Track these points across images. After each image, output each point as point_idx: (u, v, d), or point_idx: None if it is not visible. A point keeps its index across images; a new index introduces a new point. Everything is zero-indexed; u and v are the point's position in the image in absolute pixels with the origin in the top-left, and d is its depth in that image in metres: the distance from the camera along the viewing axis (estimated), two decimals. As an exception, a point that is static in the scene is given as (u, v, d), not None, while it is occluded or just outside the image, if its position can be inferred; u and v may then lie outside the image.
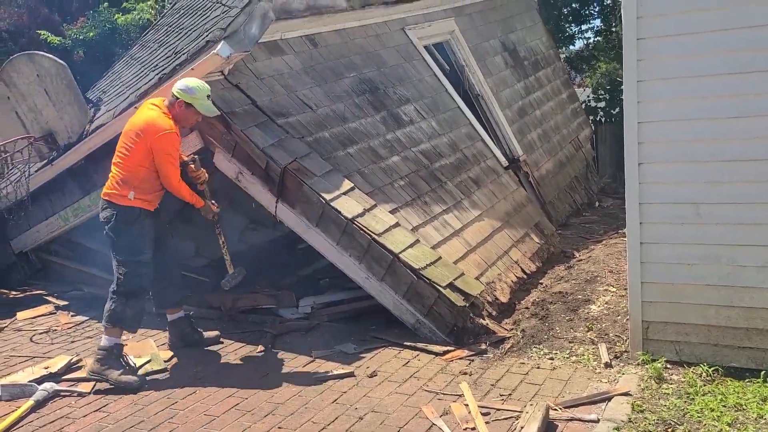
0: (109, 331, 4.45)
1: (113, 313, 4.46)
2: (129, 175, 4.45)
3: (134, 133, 4.45)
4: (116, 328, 4.47)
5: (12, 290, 6.55)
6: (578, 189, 8.85)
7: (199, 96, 4.48)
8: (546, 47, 10.02)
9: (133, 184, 4.45)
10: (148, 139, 4.39)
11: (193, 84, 4.51)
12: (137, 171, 4.45)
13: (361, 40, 6.63)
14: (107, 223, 4.50)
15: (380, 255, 4.80)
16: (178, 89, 4.49)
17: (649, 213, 4.17)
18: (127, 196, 4.44)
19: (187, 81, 4.55)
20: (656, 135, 4.12)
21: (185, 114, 4.52)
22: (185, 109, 4.50)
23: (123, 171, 4.46)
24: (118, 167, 4.49)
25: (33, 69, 5.77)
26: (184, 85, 4.49)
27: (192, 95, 4.46)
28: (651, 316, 4.25)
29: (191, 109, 4.50)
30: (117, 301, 4.47)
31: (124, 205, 4.45)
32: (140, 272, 4.50)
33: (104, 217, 4.52)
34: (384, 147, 5.86)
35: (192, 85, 4.49)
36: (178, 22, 7.33)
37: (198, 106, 4.49)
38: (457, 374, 4.27)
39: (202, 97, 4.49)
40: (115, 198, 4.47)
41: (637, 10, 4.02)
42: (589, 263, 6.21)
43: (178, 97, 4.47)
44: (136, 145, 4.43)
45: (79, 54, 11.23)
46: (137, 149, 4.43)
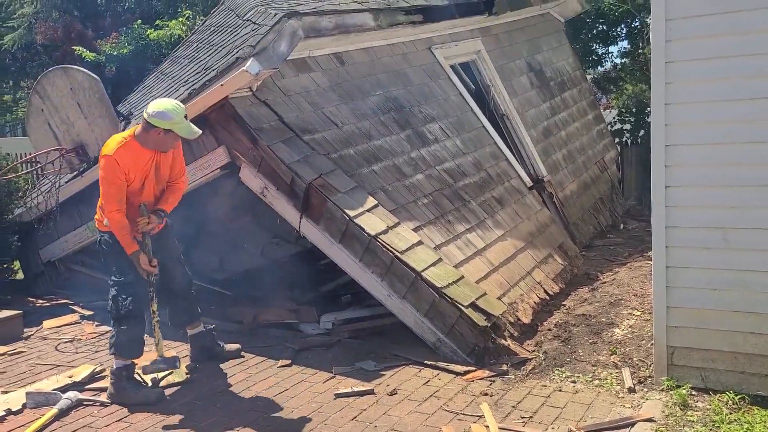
0: (116, 356, 4.43)
1: (110, 339, 4.45)
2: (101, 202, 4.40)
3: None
4: (122, 356, 4.41)
5: (39, 299, 6.66)
6: (603, 211, 8.78)
7: (177, 120, 4.17)
8: (572, 68, 10.00)
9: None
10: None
11: (167, 106, 4.18)
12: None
13: (388, 58, 6.69)
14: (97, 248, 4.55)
15: (402, 273, 4.80)
16: (152, 117, 4.15)
17: (675, 237, 4.13)
18: (103, 222, 4.38)
19: (159, 104, 4.19)
20: (683, 158, 4.08)
21: (164, 140, 4.25)
22: (164, 136, 4.21)
23: (100, 198, 4.40)
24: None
25: (67, 82, 5.90)
26: (156, 110, 4.15)
27: (170, 121, 4.15)
28: (676, 341, 4.19)
29: (170, 134, 4.21)
30: (112, 327, 4.45)
31: (104, 231, 4.44)
32: (127, 293, 4.36)
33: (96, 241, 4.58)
34: (408, 165, 5.88)
35: (165, 109, 4.16)
36: (209, 39, 7.45)
37: (178, 130, 4.21)
38: (478, 395, 4.24)
39: (180, 120, 4.19)
40: (98, 224, 4.49)
41: (666, 33, 4.00)
42: (614, 286, 6.14)
43: (155, 126, 4.17)
44: None
45: (111, 69, 11.45)
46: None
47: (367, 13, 6.10)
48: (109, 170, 4.19)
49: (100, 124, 5.87)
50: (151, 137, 4.24)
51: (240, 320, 5.78)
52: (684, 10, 3.98)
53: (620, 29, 12.47)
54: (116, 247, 4.37)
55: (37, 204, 6.45)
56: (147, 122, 4.20)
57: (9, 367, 5.08)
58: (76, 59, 11.23)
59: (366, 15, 6.08)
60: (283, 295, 6.42)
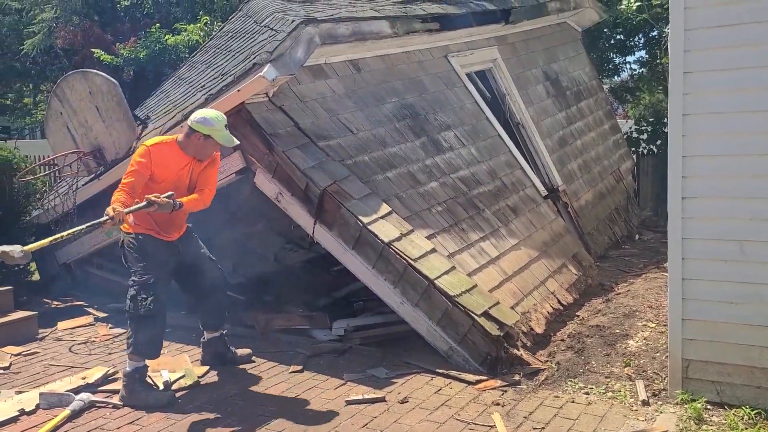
0: (131, 356, 4.44)
1: (127, 339, 4.47)
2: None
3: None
4: (138, 356, 4.43)
5: (54, 300, 6.71)
6: (618, 221, 8.72)
7: (218, 127, 4.36)
8: (589, 77, 9.97)
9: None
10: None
11: (210, 115, 4.40)
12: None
13: (404, 66, 6.70)
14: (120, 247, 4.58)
15: (415, 280, 4.80)
16: (194, 122, 4.36)
17: (691, 249, 4.09)
18: (129, 222, 4.37)
19: (203, 112, 4.44)
20: (701, 169, 4.05)
21: (204, 146, 4.40)
22: (204, 141, 4.37)
23: None
24: None
25: (86, 86, 5.96)
26: (201, 118, 4.37)
27: (211, 127, 4.34)
28: (691, 354, 4.14)
29: (210, 141, 4.38)
30: (129, 326, 4.46)
31: (127, 231, 4.47)
32: (148, 293, 4.37)
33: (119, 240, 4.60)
34: (423, 172, 5.87)
35: (209, 116, 4.38)
36: (226, 45, 7.51)
37: (217, 137, 4.37)
38: (490, 404, 4.22)
39: (221, 128, 4.37)
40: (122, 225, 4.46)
41: (685, 43, 3.98)
42: (628, 297, 6.09)
43: (196, 130, 4.35)
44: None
45: (129, 73, 11.56)
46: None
47: (384, 21, 6.11)
48: (139, 157, 4.34)
49: (118, 127, 5.92)
50: (192, 142, 4.40)
51: (252, 325, 5.79)
52: (703, 21, 3.96)
53: (638, 39, 12.41)
54: (139, 247, 4.43)
55: (54, 206, 6.52)
56: (189, 127, 4.39)
57: (23, 367, 5.12)
58: (95, 62, 11.35)
59: (383, 22, 6.09)
60: (296, 301, 6.43)
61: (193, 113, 4.47)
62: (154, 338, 4.44)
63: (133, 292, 4.42)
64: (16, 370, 5.07)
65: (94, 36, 12.50)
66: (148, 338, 4.41)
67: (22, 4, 13.69)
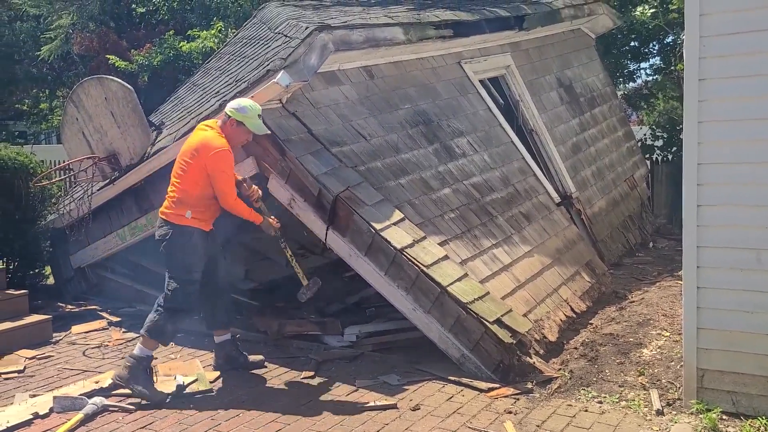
0: (145, 342, 4.56)
1: (155, 325, 4.55)
2: (185, 194, 4.57)
3: (190, 153, 4.58)
4: (153, 341, 4.58)
5: (68, 304, 6.75)
6: (632, 229, 8.66)
7: (251, 115, 4.59)
8: (603, 84, 9.93)
9: (189, 203, 4.56)
10: (202, 157, 4.51)
11: (246, 104, 4.64)
12: (193, 190, 4.56)
13: (417, 72, 6.70)
14: (162, 240, 4.62)
15: (428, 287, 4.78)
16: (230, 108, 4.62)
17: (706, 257, 4.06)
18: (184, 215, 4.55)
19: (240, 101, 4.69)
20: (716, 177, 4.02)
21: (236, 132, 4.63)
22: (236, 128, 4.61)
23: (179, 191, 4.58)
24: (175, 187, 4.61)
25: (101, 92, 6.01)
26: (237, 104, 4.63)
27: (244, 114, 4.58)
28: (706, 363, 4.10)
29: (242, 128, 4.61)
30: (162, 315, 4.56)
31: (180, 224, 4.56)
32: (188, 290, 4.60)
33: (160, 235, 4.64)
34: (435, 179, 5.87)
35: (244, 104, 4.63)
36: (240, 51, 7.54)
37: (249, 124, 4.60)
38: (502, 413, 4.19)
39: (254, 116, 4.61)
40: (172, 217, 4.59)
41: (700, 50, 3.96)
42: (642, 305, 6.04)
43: (230, 116, 4.60)
44: (191, 165, 4.55)
45: (143, 79, 11.65)
46: (193, 169, 4.55)
47: (398, 27, 6.12)
48: (229, 163, 4.58)
49: (133, 133, 5.96)
50: (227, 129, 4.62)
51: (264, 331, 5.80)
52: (719, 28, 3.94)
53: (652, 46, 12.36)
54: (190, 241, 4.56)
55: (69, 211, 6.56)
56: (225, 113, 4.64)
57: (38, 370, 5.15)
58: (110, 68, 11.44)
59: (396, 29, 6.10)
60: (308, 307, 6.43)
61: (232, 101, 4.72)
62: (176, 329, 4.70)
63: (175, 284, 4.55)
64: (31, 373, 5.11)
65: (110, 42, 12.61)
66: (173, 328, 4.64)
67: (40, 11, 13.83)
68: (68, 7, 13.02)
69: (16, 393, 4.70)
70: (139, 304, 6.57)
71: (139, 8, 13.07)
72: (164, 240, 4.61)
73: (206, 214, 4.64)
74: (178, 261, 4.60)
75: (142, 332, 4.60)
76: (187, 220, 4.56)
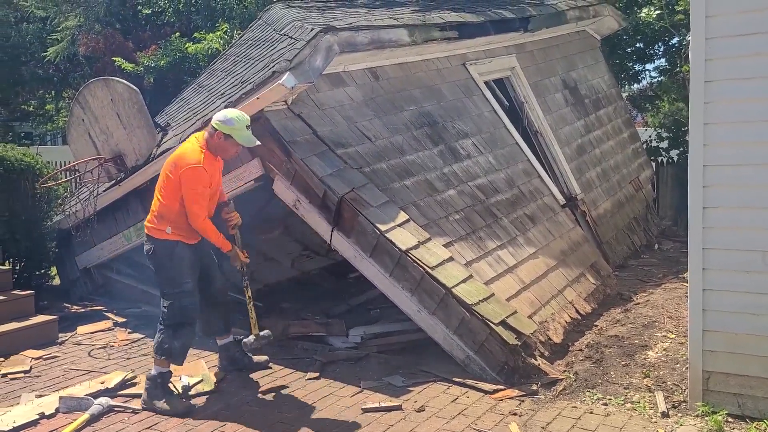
0: (157, 362, 4.48)
1: (160, 345, 4.46)
2: (165, 209, 4.44)
3: (170, 166, 4.45)
4: (164, 360, 4.47)
5: (74, 305, 6.78)
6: (637, 230, 8.65)
7: (238, 127, 4.39)
8: (608, 86, 9.92)
9: (169, 218, 4.43)
10: (177, 172, 4.38)
11: (232, 115, 4.44)
12: (172, 205, 4.42)
13: (422, 74, 6.71)
14: (147, 256, 4.55)
15: (433, 288, 4.79)
16: (216, 121, 4.41)
17: (712, 259, 4.05)
18: (165, 230, 4.43)
19: (226, 112, 4.48)
20: (722, 179, 4.01)
21: (224, 145, 4.43)
22: (224, 141, 4.41)
23: (161, 205, 4.46)
24: (157, 201, 4.50)
25: (107, 93, 6.03)
26: (223, 116, 4.42)
27: (231, 126, 4.38)
28: (712, 366, 4.09)
29: (230, 140, 4.41)
30: (164, 333, 4.47)
31: (162, 239, 4.45)
32: (183, 303, 4.45)
33: (146, 251, 4.56)
34: (440, 180, 5.87)
35: (231, 116, 4.42)
36: (246, 53, 7.56)
37: (237, 137, 4.40)
38: (507, 414, 4.19)
39: (241, 128, 4.40)
40: (154, 232, 4.48)
41: (706, 52, 3.95)
42: (647, 307, 6.03)
43: (217, 129, 4.40)
44: (170, 179, 4.42)
45: (149, 80, 11.69)
46: (171, 183, 4.41)
47: (403, 29, 6.13)
48: (201, 181, 4.38)
49: (138, 134, 5.98)
50: (213, 141, 4.45)
51: (269, 332, 5.80)
52: (725, 29, 3.93)
53: (658, 47, 12.33)
54: (175, 254, 4.45)
55: (75, 212, 6.59)
56: (212, 126, 4.45)
57: (44, 371, 5.17)
58: (116, 70, 11.48)
59: (401, 31, 6.11)
60: (313, 308, 6.45)
61: (217, 113, 4.54)
62: (187, 345, 4.53)
63: (170, 300, 4.45)
64: (37, 373, 5.13)
65: (116, 44, 12.65)
66: (182, 344, 4.49)
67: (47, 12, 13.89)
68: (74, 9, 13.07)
69: (23, 393, 4.72)
70: (144, 305, 6.60)
71: (145, 10, 13.11)
72: (149, 255, 4.53)
73: (188, 230, 4.48)
74: (165, 275, 4.49)
75: (154, 354, 4.51)
76: (167, 235, 4.44)
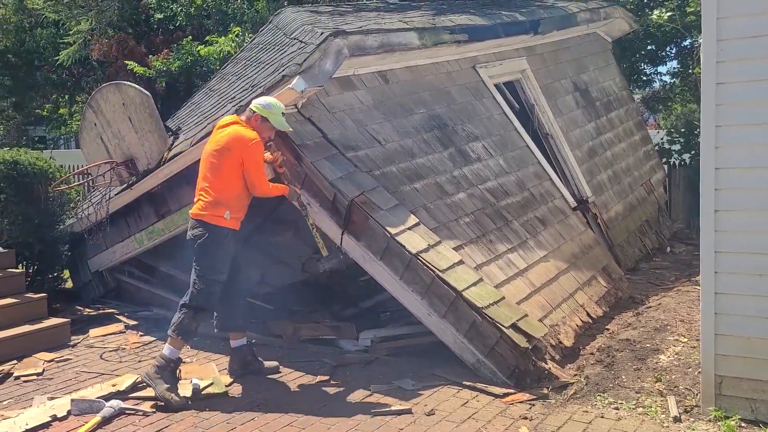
0: (173, 341, 4.62)
1: (181, 324, 4.61)
2: (221, 195, 4.61)
3: (221, 151, 4.63)
4: (180, 339, 4.64)
5: (86, 308, 6.82)
6: (649, 233, 8.60)
7: (275, 111, 4.72)
8: (619, 88, 9.87)
9: (228, 204, 4.62)
10: (238, 152, 4.59)
11: (271, 101, 4.78)
12: (230, 190, 4.63)
13: (432, 77, 6.70)
14: (195, 240, 4.65)
15: (443, 292, 4.78)
16: (256, 104, 4.74)
17: (724, 262, 4.02)
18: (223, 216, 4.60)
19: (265, 98, 4.84)
20: (734, 182, 3.98)
21: (260, 128, 4.73)
22: (261, 123, 4.72)
23: (215, 191, 4.62)
24: (209, 188, 4.64)
25: (119, 98, 6.07)
26: (264, 101, 4.77)
27: (269, 110, 4.71)
28: (725, 370, 4.06)
29: (267, 124, 4.73)
30: (186, 314, 4.62)
31: (219, 225, 4.61)
32: (214, 290, 4.67)
33: (194, 235, 4.67)
34: (450, 183, 5.86)
35: (270, 101, 4.77)
36: (256, 57, 7.59)
37: (273, 120, 4.72)
38: (517, 418, 4.17)
39: (278, 113, 4.74)
40: (209, 218, 4.61)
41: (717, 54, 3.93)
42: (659, 311, 5.99)
43: (255, 111, 4.71)
44: (224, 163, 4.60)
45: (161, 84, 11.75)
46: (227, 167, 4.60)
47: (413, 32, 6.13)
48: (262, 153, 4.72)
49: (150, 138, 6.01)
50: (251, 124, 4.73)
51: (280, 334, 5.82)
52: (737, 31, 3.90)
53: (669, 49, 12.26)
54: (225, 242, 4.62)
55: (87, 215, 6.63)
56: (250, 109, 4.76)
57: (56, 373, 5.21)
58: (128, 74, 11.55)
59: (411, 34, 6.11)
60: (323, 311, 6.45)
61: (257, 98, 4.87)
62: (197, 327, 4.70)
63: (202, 285, 4.62)
64: (49, 376, 5.16)
65: (128, 48, 12.73)
66: (195, 326, 4.66)
67: (59, 16, 14.00)
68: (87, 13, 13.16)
69: (35, 395, 4.75)
70: (156, 308, 6.63)
71: (157, 14, 13.19)
72: (198, 240, 4.64)
73: (242, 212, 4.75)
74: (209, 261, 4.64)
75: (169, 332, 4.64)
76: (225, 221, 4.61)
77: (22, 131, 18.25)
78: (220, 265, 4.67)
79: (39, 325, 5.85)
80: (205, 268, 4.65)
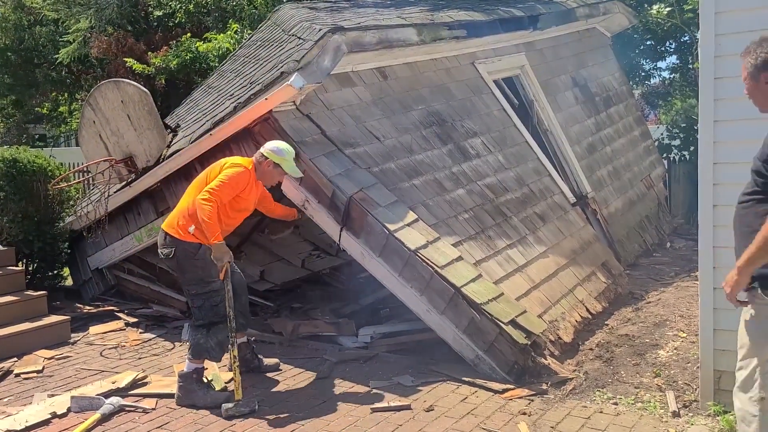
0: (192, 360, 4.53)
1: (197, 345, 4.51)
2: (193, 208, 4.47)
3: (212, 170, 4.60)
4: (198, 360, 4.54)
5: (86, 305, 6.83)
6: (649, 229, 8.60)
7: (288, 158, 4.64)
8: (618, 83, 9.86)
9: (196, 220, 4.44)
10: (219, 167, 4.54)
11: (283, 146, 4.68)
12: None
13: (431, 73, 6.70)
14: (167, 258, 4.59)
15: (442, 288, 4.78)
16: (268, 150, 4.64)
17: (723, 257, 4.00)
18: (188, 229, 4.47)
19: (277, 143, 4.72)
20: (732, 177, 3.96)
21: (272, 173, 4.67)
22: (272, 169, 4.64)
23: (190, 206, 4.51)
24: (185, 202, 4.57)
25: (118, 95, 6.07)
26: (275, 146, 4.66)
27: (281, 156, 4.62)
28: (724, 365, 4.05)
29: (278, 169, 4.66)
30: (199, 332, 4.53)
31: (184, 240, 4.49)
32: (214, 301, 4.52)
33: (164, 253, 4.60)
34: (449, 179, 5.86)
35: (282, 147, 4.67)
36: (255, 54, 7.59)
37: (285, 167, 4.65)
38: (516, 414, 4.18)
39: (290, 158, 4.66)
40: (180, 232, 4.51)
41: (715, 49, 3.92)
42: (659, 306, 6.00)
43: (267, 157, 4.62)
44: (205, 182, 4.51)
45: (160, 81, 11.76)
46: (205, 185, 4.49)
47: (411, 28, 6.12)
48: (239, 180, 4.52)
49: (149, 135, 6.02)
50: (261, 168, 4.66)
51: (280, 331, 5.83)
52: (735, 26, 3.89)
53: (669, 44, 12.25)
54: (201, 255, 4.49)
55: (87, 213, 6.64)
56: (261, 154, 4.66)
57: (56, 371, 5.22)
58: (128, 71, 11.56)
59: (409, 30, 6.10)
60: (323, 308, 6.46)
61: (267, 143, 4.74)
62: (222, 341, 4.55)
63: (200, 302, 4.53)
64: (49, 373, 5.17)
65: (128, 45, 12.74)
66: (218, 341, 4.54)
67: (58, 15, 14.00)
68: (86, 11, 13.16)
69: (35, 393, 4.76)
70: (155, 305, 6.64)
71: (156, 12, 13.19)
72: (169, 258, 4.57)
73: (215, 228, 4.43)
74: (192, 276, 4.55)
75: (188, 355, 4.56)
76: (189, 236, 4.48)
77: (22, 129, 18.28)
78: (206, 275, 4.51)
79: (39, 322, 5.86)
80: (192, 283, 4.55)
